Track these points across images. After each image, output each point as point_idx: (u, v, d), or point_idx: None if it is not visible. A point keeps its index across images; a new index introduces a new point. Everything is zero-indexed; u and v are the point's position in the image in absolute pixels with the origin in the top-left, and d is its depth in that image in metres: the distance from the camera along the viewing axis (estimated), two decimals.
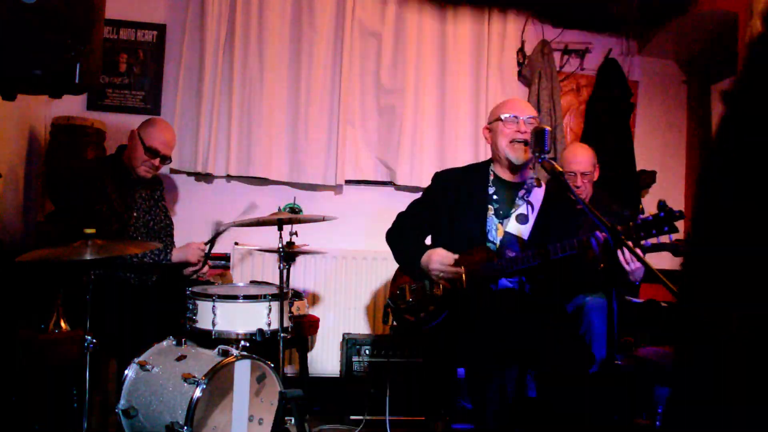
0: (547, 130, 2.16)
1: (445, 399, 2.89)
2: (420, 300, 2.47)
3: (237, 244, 3.67)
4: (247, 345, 2.39)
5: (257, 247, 3.06)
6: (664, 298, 2.92)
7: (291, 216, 2.83)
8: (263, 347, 2.52)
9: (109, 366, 2.78)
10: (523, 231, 2.44)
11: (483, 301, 2.34)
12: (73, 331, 2.55)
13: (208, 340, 2.48)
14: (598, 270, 2.32)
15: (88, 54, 1.76)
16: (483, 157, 3.54)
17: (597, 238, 2.13)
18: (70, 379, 2.34)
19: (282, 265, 2.65)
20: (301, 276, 3.76)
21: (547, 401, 2.27)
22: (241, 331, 2.50)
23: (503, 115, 2.46)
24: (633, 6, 3.83)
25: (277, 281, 2.66)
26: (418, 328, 2.49)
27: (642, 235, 2.04)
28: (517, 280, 2.43)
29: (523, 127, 2.43)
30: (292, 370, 3.68)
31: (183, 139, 3.67)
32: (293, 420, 2.50)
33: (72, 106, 3.53)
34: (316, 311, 3.72)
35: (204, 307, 2.52)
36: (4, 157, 3.03)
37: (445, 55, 3.92)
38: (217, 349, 2.35)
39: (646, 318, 2.90)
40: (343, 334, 3.55)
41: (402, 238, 2.63)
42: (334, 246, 3.82)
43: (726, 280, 0.65)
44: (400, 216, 2.71)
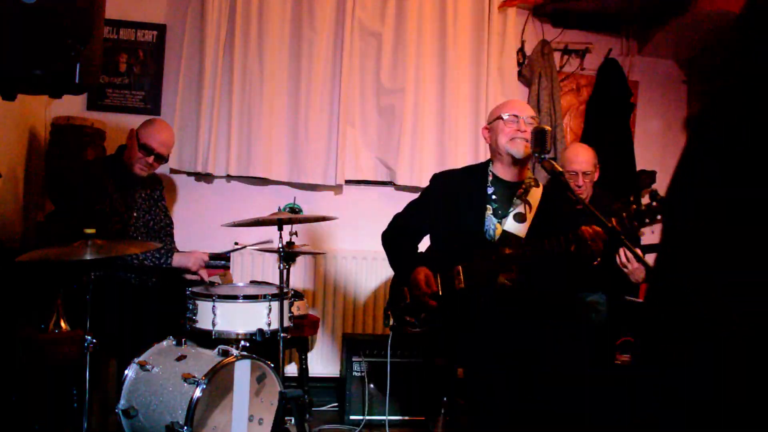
0: (547, 130, 2.16)
1: (445, 399, 2.88)
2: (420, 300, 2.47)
3: (237, 244, 3.66)
4: (247, 345, 2.39)
5: (257, 247, 3.07)
6: None
7: (291, 216, 2.83)
8: (263, 347, 2.52)
9: (109, 366, 2.79)
10: (521, 230, 2.44)
11: (483, 301, 2.35)
12: (73, 331, 2.55)
13: (208, 340, 2.49)
14: (593, 266, 2.33)
15: (88, 54, 1.75)
16: (483, 158, 3.54)
17: (585, 231, 2.17)
18: (70, 379, 2.34)
19: (282, 265, 2.65)
20: (301, 276, 3.77)
21: (547, 401, 2.27)
22: (241, 331, 2.51)
23: (504, 115, 2.46)
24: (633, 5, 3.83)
25: (277, 281, 2.66)
26: (417, 329, 2.49)
27: (636, 224, 2.06)
28: (516, 279, 2.43)
29: (523, 127, 2.43)
30: (292, 370, 3.68)
31: (183, 139, 3.68)
32: (293, 420, 2.51)
33: (72, 106, 3.53)
34: (316, 311, 3.72)
35: (204, 307, 2.52)
36: (4, 157, 3.02)
37: (445, 55, 3.91)
38: (217, 349, 2.36)
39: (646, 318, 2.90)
40: (343, 334, 3.56)
41: (395, 245, 2.64)
42: (334, 246, 3.83)
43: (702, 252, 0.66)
44: (396, 217, 2.71)
